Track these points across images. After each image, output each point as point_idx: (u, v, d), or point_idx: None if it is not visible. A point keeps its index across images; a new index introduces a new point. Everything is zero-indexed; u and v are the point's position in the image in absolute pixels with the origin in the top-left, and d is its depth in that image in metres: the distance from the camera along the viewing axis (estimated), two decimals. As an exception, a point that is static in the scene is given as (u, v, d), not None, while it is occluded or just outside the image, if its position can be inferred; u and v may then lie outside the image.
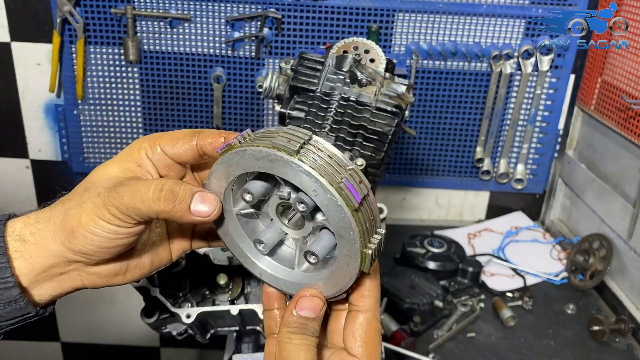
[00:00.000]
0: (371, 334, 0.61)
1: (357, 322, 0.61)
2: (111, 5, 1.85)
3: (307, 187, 0.57)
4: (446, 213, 2.28)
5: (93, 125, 2.04)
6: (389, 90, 1.07)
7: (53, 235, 0.64)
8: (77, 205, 0.64)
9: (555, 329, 1.68)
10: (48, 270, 0.65)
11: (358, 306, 0.62)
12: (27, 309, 0.65)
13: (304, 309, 0.60)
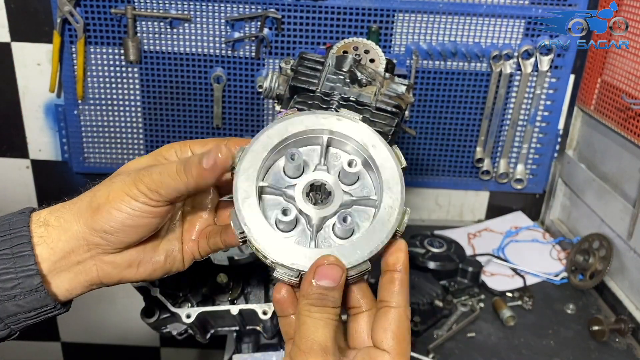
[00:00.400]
0: (403, 329, 0.59)
1: (389, 317, 0.59)
2: (111, 6, 1.85)
3: (368, 142, 0.64)
4: (446, 213, 2.29)
5: (93, 125, 2.04)
6: (389, 90, 1.07)
7: (77, 216, 0.68)
8: (105, 187, 0.69)
9: (555, 328, 1.68)
10: (67, 257, 0.67)
11: (390, 302, 0.60)
12: (46, 300, 0.66)
13: (323, 277, 0.57)
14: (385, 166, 0.64)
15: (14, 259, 0.63)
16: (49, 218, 0.68)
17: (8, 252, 0.64)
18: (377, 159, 0.64)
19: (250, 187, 0.62)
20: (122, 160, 2.11)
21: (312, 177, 0.65)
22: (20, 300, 0.64)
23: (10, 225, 0.66)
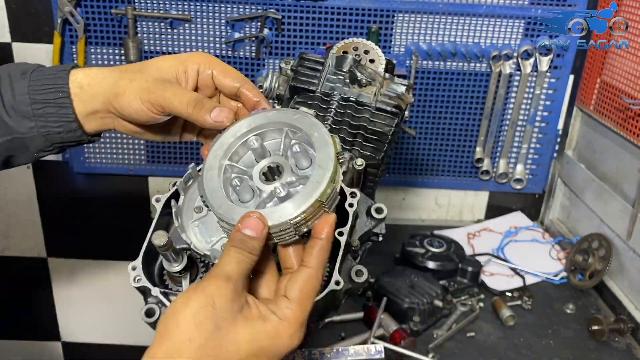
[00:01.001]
0: (309, 286, 0.69)
1: (301, 273, 0.70)
2: (112, 6, 1.85)
3: (313, 131, 0.78)
4: (446, 213, 2.29)
5: (94, 125, 2.05)
6: (389, 90, 1.08)
7: (104, 91, 0.87)
8: (128, 80, 0.85)
9: (555, 328, 1.68)
10: (95, 113, 0.89)
11: (306, 262, 0.70)
12: (82, 137, 0.91)
13: (246, 227, 0.69)
14: (321, 149, 0.77)
15: (57, 107, 0.87)
16: (83, 82, 0.88)
17: (52, 102, 0.87)
18: (317, 143, 0.78)
19: (214, 163, 0.79)
20: (123, 161, 2.11)
21: (269, 161, 0.81)
22: (63, 135, 0.90)
23: (55, 81, 0.88)
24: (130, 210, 2.27)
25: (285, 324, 0.67)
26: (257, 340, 0.66)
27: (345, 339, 1.57)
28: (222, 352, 0.65)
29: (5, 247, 2.35)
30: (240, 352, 0.65)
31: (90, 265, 2.39)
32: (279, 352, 0.68)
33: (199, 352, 0.64)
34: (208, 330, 0.64)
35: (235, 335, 0.65)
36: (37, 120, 0.88)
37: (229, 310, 0.66)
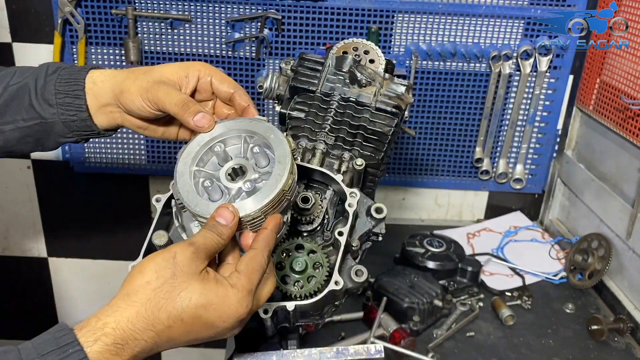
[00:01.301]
0: (254, 262, 0.79)
1: (248, 253, 0.81)
2: (112, 6, 1.85)
3: (269, 134, 0.90)
4: (445, 213, 2.29)
5: (94, 125, 2.05)
6: (389, 90, 1.08)
7: (112, 88, 0.98)
8: (133, 80, 0.96)
9: (554, 328, 1.69)
10: (105, 107, 1.01)
11: (253, 245, 0.82)
12: (93, 127, 1.02)
13: (220, 216, 0.81)
14: (278, 148, 0.88)
15: (73, 97, 1.00)
16: (97, 79, 1.00)
17: (71, 93, 1.00)
18: (273, 143, 0.89)
19: (184, 169, 0.89)
20: (123, 161, 2.12)
21: (233, 163, 0.91)
22: (77, 123, 1.02)
23: (76, 76, 1.00)
24: (130, 210, 2.27)
25: (234, 290, 0.76)
26: (208, 295, 0.75)
27: (345, 339, 1.57)
28: (174, 296, 0.73)
29: (6, 247, 2.36)
30: (191, 301, 0.74)
31: (90, 265, 2.39)
32: (226, 313, 0.76)
33: (154, 293, 0.73)
34: (165, 276, 0.74)
35: (188, 285, 0.74)
36: (58, 107, 1.00)
37: (187, 265, 0.75)
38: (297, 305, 0.89)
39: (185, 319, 0.74)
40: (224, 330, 0.77)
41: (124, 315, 0.72)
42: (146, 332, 0.72)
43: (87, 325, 0.71)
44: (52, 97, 1.00)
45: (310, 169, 0.99)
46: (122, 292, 0.74)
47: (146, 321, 0.72)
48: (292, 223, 0.96)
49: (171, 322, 0.73)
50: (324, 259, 0.93)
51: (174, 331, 0.74)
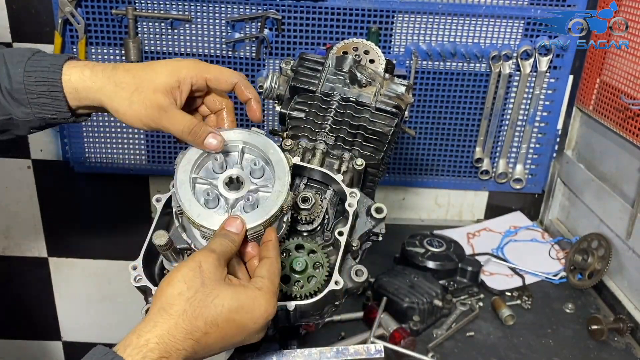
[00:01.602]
0: (273, 268, 0.84)
1: (265, 260, 0.85)
2: (112, 6, 1.85)
3: (268, 148, 0.92)
4: (445, 213, 2.29)
5: (94, 125, 2.05)
6: (389, 90, 1.08)
7: (100, 100, 0.93)
8: (128, 101, 0.91)
9: (554, 328, 1.69)
10: (89, 108, 0.97)
11: (266, 254, 0.86)
12: (76, 120, 0.99)
13: (229, 225, 0.85)
14: (278, 164, 0.91)
15: (51, 99, 0.93)
16: (77, 85, 0.93)
17: (47, 94, 0.93)
18: (273, 159, 0.91)
19: (185, 177, 0.89)
20: (123, 161, 2.12)
21: (230, 172, 0.92)
22: (57, 120, 0.98)
23: (48, 75, 0.93)
24: (130, 210, 2.27)
25: (262, 292, 0.80)
26: (239, 298, 0.78)
27: (345, 339, 1.58)
28: (207, 303, 0.76)
29: (6, 247, 2.36)
30: (224, 306, 0.77)
31: (91, 265, 2.39)
32: (257, 314, 0.79)
33: (188, 303, 0.75)
34: (195, 285, 0.77)
35: (219, 292, 0.77)
36: (33, 107, 0.95)
37: (214, 273, 0.78)
38: (297, 305, 0.89)
39: (220, 323, 0.77)
40: (254, 332, 0.81)
41: (163, 329, 0.74)
42: (186, 341, 0.75)
43: (130, 344, 0.74)
44: (23, 96, 0.93)
45: (311, 169, 0.99)
46: (155, 307, 0.76)
47: (185, 331, 0.75)
48: (292, 223, 0.96)
49: (208, 328, 0.76)
50: (324, 259, 0.93)
51: (210, 337, 0.77)
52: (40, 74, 0.93)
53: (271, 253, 0.86)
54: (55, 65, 0.93)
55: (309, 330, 1.33)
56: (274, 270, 0.84)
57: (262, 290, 0.80)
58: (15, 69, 0.93)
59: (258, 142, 0.94)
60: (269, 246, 0.87)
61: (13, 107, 0.95)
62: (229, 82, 0.97)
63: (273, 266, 0.84)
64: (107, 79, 0.93)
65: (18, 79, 0.93)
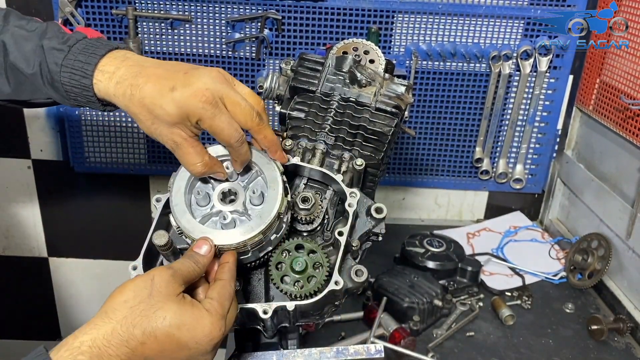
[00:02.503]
0: (224, 291, 0.84)
1: (217, 282, 0.85)
2: (112, 6, 1.85)
3: (264, 163, 0.94)
4: (445, 213, 2.29)
5: (94, 125, 2.05)
6: (389, 90, 1.08)
7: (127, 107, 0.92)
8: (148, 129, 0.91)
9: (554, 328, 1.69)
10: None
11: (220, 276, 0.86)
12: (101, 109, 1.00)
13: (197, 247, 0.86)
14: (271, 175, 0.93)
15: (85, 99, 0.96)
16: (109, 91, 0.93)
17: (80, 95, 0.96)
18: (265, 170, 0.93)
19: (180, 200, 0.91)
20: (123, 161, 2.12)
21: (224, 186, 0.94)
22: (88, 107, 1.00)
23: (80, 79, 0.94)
24: (130, 210, 2.27)
25: (208, 314, 0.80)
26: (182, 316, 0.78)
27: (345, 339, 1.58)
28: (149, 314, 0.77)
29: (6, 247, 2.36)
30: (165, 319, 0.77)
31: (91, 265, 2.39)
32: (199, 335, 0.79)
33: (130, 311, 0.76)
34: (142, 296, 0.78)
35: (164, 305, 0.78)
36: (71, 100, 0.98)
37: (165, 287, 0.79)
38: (297, 305, 0.89)
39: (159, 336, 0.77)
40: (197, 353, 0.80)
41: (100, 333, 0.75)
42: (121, 348, 0.75)
43: (65, 344, 0.75)
44: (61, 90, 0.97)
45: (310, 168, 0.99)
46: (101, 310, 0.77)
47: (121, 337, 0.75)
48: (292, 223, 0.96)
49: (145, 338, 0.76)
50: (324, 259, 0.93)
51: (147, 348, 0.76)
52: (73, 77, 0.95)
53: (225, 275, 0.86)
54: (86, 70, 0.94)
55: (309, 330, 1.34)
56: (225, 294, 0.83)
57: (210, 312, 0.80)
58: (53, 66, 0.96)
59: (268, 174, 0.94)
60: (224, 268, 0.87)
61: (56, 96, 0.99)
62: (224, 141, 0.91)
63: (225, 289, 0.84)
64: (127, 107, 0.92)
65: (56, 77, 0.96)
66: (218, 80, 0.89)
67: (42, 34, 0.98)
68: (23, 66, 0.97)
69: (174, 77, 0.89)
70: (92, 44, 0.96)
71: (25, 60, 0.97)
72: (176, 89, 0.87)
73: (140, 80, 0.90)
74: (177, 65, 0.93)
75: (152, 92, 0.89)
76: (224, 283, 0.85)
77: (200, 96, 0.86)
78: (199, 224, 0.89)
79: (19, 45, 0.98)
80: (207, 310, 0.80)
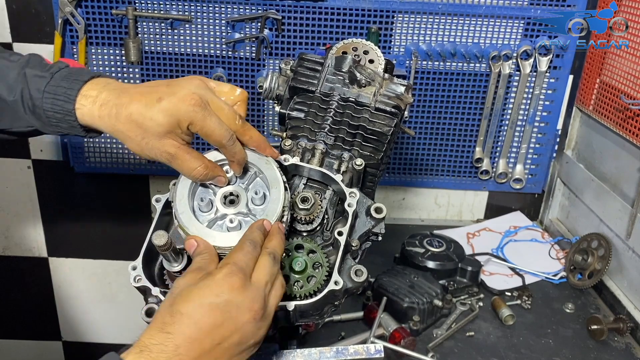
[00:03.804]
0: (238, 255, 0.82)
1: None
2: (112, 6, 1.86)
3: (262, 163, 0.94)
4: (445, 213, 2.29)
5: (94, 125, 2.05)
6: (388, 90, 1.08)
7: (111, 131, 0.97)
8: (137, 146, 0.94)
9: (554, 328, 1.69)
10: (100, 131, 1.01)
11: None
12: (82, 135, 1.02)
13: (189, 247, 0.86)
14: (271, 175, 0.93)
15: (67, 124, 1.00)
16: (91, 116, 0.97)
17: (62, 120, 0.99)
18: (265, 170, 0.94)
19: (185, 208, 0.92)
20: (123, 161, 2.12)
21: (226, 189, 0.95)
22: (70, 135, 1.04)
23: (63, 105, 0.96)
24: (130, 210, 2.28)
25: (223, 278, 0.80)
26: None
27: (345, 339, 1.58)
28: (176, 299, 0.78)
29: (6, 247, 2.36)
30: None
31: (90, 265, 2.39)
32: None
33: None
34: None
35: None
36: (53, 128, 1.01)
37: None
38: (297, 305, 0.89)
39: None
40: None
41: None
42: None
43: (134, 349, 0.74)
44: (43, 116, 0.99)
45: (310, 168, 0.99)
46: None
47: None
48: (292, 223, 0.96)
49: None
50: (323, 259, 0.93)
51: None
52: (56, 102, 0.96)
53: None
54: (69, 95, 0.95)
55: (309, 330, 1.33)
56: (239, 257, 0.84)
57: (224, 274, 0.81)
58: (35, 93, 0.97)
59: (252, 157, 0.96)
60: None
61: (37, 124, 1.01)
62: (215, 144, 0.93)
63: (240, 253, 0.84)
64: (113, 126, 0.95)
65: (39, 104, 0.97)
66: (201, 86, 0.92)
67: (24, 63, 0.98)
68: (4, 94, 0.97)
69: (158, 90, 0.91)
70: (75, 71, 0.98)
71: (7, 87, 0.97)
72: (163, 99, 0.89)
73: (124, 99, 0.92)
74: (157, 81, 0.96)
75: (138, 107, 0.90)
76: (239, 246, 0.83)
77: (189, 100, 0.88)
78: (206, 229, 0.89)
79: (1, 74, 0.98)
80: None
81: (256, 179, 0.96)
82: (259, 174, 0.95)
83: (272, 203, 0.91)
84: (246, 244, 0.82)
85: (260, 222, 0.87)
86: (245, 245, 0.82)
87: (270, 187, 0.92)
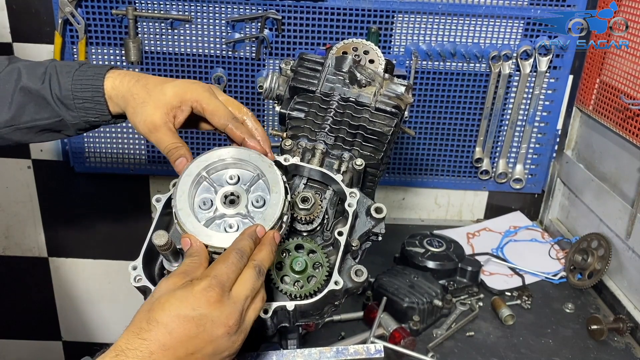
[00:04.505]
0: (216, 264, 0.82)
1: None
2: (112, 6, 1.86)
3: (264, 165, 0.94)
4: (445, 213, 2.29)
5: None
6: (388, 90, 1.08)
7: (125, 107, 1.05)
8: (133, 109, 1.02)
9: (554, 328, 1.69)
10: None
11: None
12: (115, 122, 1.11)
13: (185, 245, 0.87)
14: (271, 176, 0.93)
15: (94, 103, 1.07)
16: (111, 93, 1.06)
17: (90, 99, 1.06)
18: (265, 171, 0.93)
19: (184, 204, 0.90)
20: (123, 161, 2.12)
21: (226, 189, 0.94)
22: (99, 122, 1.11)
23: (93, 82, 1.06)
24: (130, 210, 2.28)
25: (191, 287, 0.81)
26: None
27: (345, 339, 1.58)
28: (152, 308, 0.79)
29: (6, 247, 2.36)
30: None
31: (91, 265, 2.39)
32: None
33: None
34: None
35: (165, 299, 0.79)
36: (79, 111, 1.07)
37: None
38: (297, 305, 0.89)
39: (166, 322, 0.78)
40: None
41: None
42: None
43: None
44: (71, 102, 1.06)
45: (310, 168, 0.99)
46: None
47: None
48: (292, 223, 0.96)
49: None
50: (323, 259, 0.93)
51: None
52: (85, 81, 1.06)
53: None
54: (99, 74, 1.06)
55: (309, 330, 1.33)
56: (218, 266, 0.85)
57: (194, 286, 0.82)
58: (65, 78, 1.06)
59: (247, 156, 0.96)
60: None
61: (62, 111, 1.08)
62: (220, 123, 1.02)
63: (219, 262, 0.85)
64: (128, 90, 1.04)
65: (67, 87, 1.06)
66: (213, 86, 1.05)
67: (51, 60, 1.11)
68: (31, 84, 1.06)
69: (174, 79, 1.05)
70: (97, 65, 1.11)
71: (37, 78, 1.07)
72: (177, 81, 1.04)
73: (145, 79, 1.05)
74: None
75: (155, 81, 1.03)
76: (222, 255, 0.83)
77: (199, 84, 1.02)
78: (203, 227, 0.89)
79: (32, 69, 1.08)
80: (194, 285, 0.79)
81: (258, 182, 0.96)
82: (261, 177, 0.95)
83: (271, 207, 0.90)
84: (232, 254, 0.82)
85: (253, 228, 0.86)
86: (231, 256, 0.81)
87: (271, 191, 0.92)
